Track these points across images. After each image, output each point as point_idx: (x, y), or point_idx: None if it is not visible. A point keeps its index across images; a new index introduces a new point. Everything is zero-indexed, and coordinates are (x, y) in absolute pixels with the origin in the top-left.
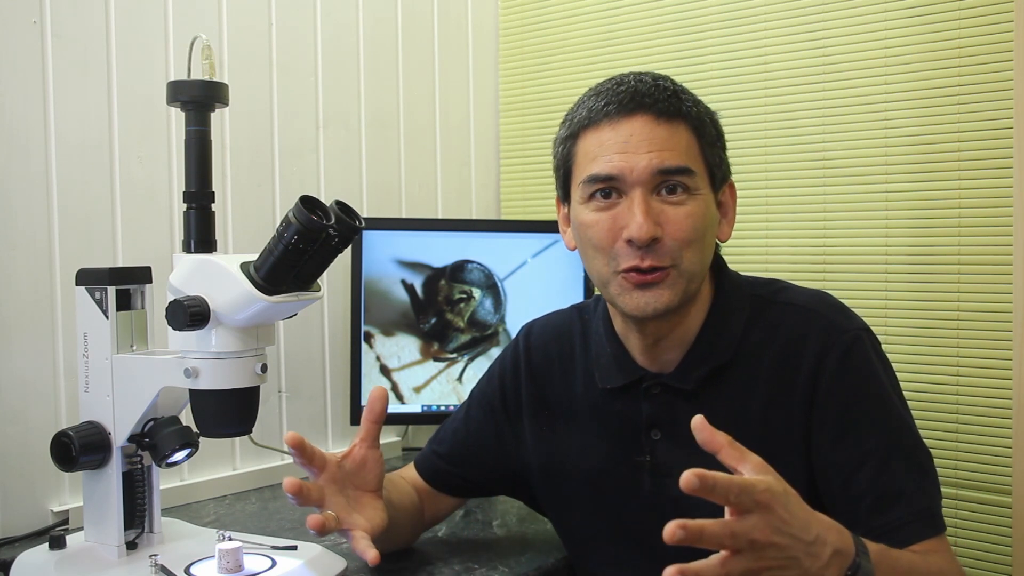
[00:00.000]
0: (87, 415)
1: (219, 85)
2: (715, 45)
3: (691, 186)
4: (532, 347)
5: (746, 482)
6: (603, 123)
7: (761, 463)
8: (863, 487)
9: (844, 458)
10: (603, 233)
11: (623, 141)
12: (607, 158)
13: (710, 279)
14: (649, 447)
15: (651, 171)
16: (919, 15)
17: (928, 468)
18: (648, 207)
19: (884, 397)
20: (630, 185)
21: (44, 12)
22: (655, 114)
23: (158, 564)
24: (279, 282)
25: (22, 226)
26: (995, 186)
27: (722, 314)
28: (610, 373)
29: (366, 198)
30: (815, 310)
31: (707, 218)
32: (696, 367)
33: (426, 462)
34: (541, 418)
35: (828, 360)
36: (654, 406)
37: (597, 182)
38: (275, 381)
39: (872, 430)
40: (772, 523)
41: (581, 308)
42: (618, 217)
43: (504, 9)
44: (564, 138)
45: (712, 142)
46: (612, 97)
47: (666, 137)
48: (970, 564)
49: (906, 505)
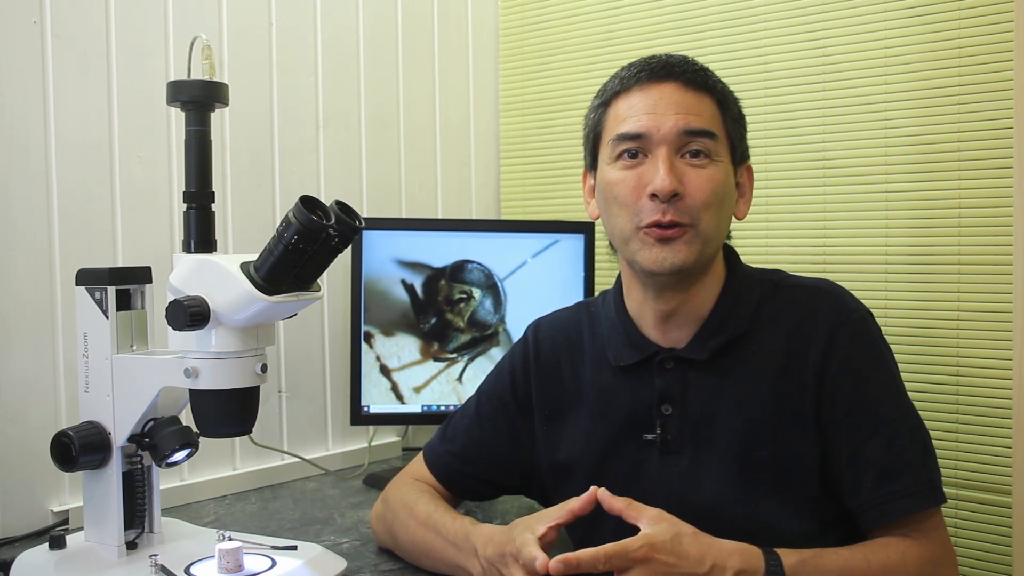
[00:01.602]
0: (87, 415)
1: (219, 85)
2: (715, 45)
3: (713, 152)
4: (541, 342)
5: (615, 548)
6: (634, 88)
7: (656, 514)
8: (872, 457)
9: (855, 428)
10: (628, 190)
11: (652, 103)
12: (636, 118)
13: (723, 260)
14: (660, 422)
15: (677, 131)
16: (919, 15)
17: (930, 446)
18: (672, 164)
19: (891, 374)
20: (656, 143)
21: (44, 12)
22: (683, 82)
23: (158, 564)
24: (279, 282)
25: (22, 226)
26: (995, 186)
27: (735, 291)
28: (623, 351)
29: (366, 198)
30: (825, 290)
31: (727, 185)
32: (711, 337)
33: (443, 465)
34: (549, 413)
35: (839, 337)
36: (666, 380)
37: (626, 140)
38: (275, 381)
39: (882, 403)
40: (657, 571)
41: (588, 303)
42: (643, 175)
43: (504, 9)
44: (596, 106)
45: (735, 118)
46: (644, 67)
47: (693, 103)
48: (970, 564)
49: (913, 476)
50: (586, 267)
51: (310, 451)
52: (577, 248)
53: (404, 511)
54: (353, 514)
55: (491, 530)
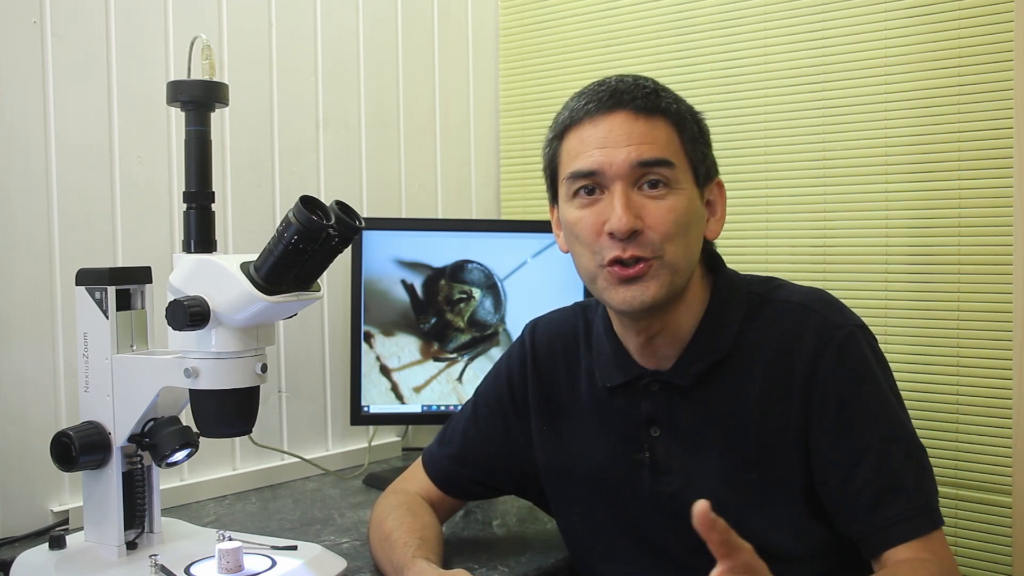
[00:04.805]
0: (87, 415)
1: (219, 85)
2: (715, 45)
3: (672, 180)
4: (538, 344)
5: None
6: (584, 121)
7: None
8: (861, 483)
9: (842, 454)
10: (587, 228)
11: (603, 137)
12: (588, 154)
13: (706, 278)
14: (648, 444)
15: (630, 164)
16: (919, 15)
17: (924, 464)
18: (628, 200)
19: (880, 393)
20: (610, 179)
21: (44, 12)
22: (634, 110)
23: (158, 564)
24: (279, 282)
25: (22, 226)
26: (995, 186)
27: (719, 311)
28: (610, 371)
29: (366, 198)
30: (810, 307)
31: (690, 213)
32: (693, 363)
33: (440, 469)
34: (546, 416)
35: (824, 357)
36: (653, 403)
37: (579, 178)
38: (275, 381)
39: (869, 426)
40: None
41: (585, 306)
42: (601, 212)
43: (504, 9)
44: (550, 140)
45: (694, 138)
46: (592, 96)
47: (645, 131)
48: (970, 564)
49: (905, 501)
50: None
51: (310, 451)
52: None
53: (376, 524)
54: (353, 514)
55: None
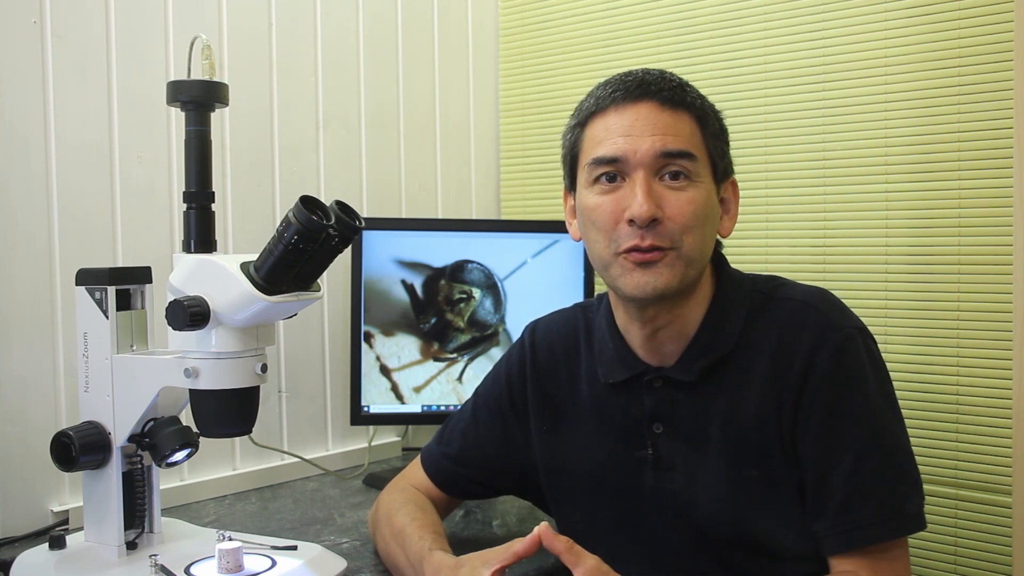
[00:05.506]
0: (87, 415)
1: (219, 85)
2: (715, 45)
3: (693, 172)
4: (537, 346)
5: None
6: (609, 109)
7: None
8: (835, 484)
9: (823, 454)
10: (606, 215)
11: (628, 125)
12: (612, 141)
13: (711, 275)
14: (651, 441)
15: (654, 153)
16: (919, 15)
17: (907, 470)
18: (649, 188)
19: (869, 397)
20: (633, 167)
21: (44, 12)
22: (660, 101)
23: (158, 564)
24: (279, 282)
25: (22, 226)
26: (995, 186)
27: (723, 308)
28: (612, 368)
29: (366, 198)
30: (812, 305)
31: (708, 206)
32: (697, 359)
33: (439, 468)
34: (546, 416)
35: (819, 357)
36: (656, 400)
37: (602, 164)
38: (275, 381)
39: (853, 429)
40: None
41: (585, 306)
42: (621, 199)
43: (504, 9)
44: (572, 127)
45: (715, 135)
46: (619, 86)
47: (670, 123)
48: (970, 564)
49: (875, 506)
50: (586, 267)
51: (310, 451)
52: (577, 248)
53: (385, 519)
54: (353, 514)
55: (442, 561)
